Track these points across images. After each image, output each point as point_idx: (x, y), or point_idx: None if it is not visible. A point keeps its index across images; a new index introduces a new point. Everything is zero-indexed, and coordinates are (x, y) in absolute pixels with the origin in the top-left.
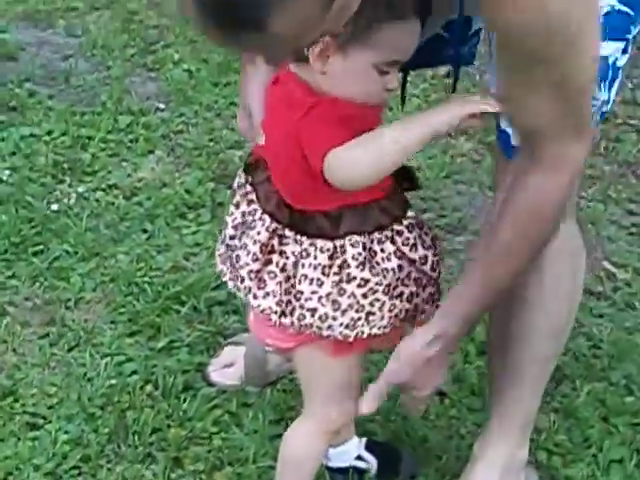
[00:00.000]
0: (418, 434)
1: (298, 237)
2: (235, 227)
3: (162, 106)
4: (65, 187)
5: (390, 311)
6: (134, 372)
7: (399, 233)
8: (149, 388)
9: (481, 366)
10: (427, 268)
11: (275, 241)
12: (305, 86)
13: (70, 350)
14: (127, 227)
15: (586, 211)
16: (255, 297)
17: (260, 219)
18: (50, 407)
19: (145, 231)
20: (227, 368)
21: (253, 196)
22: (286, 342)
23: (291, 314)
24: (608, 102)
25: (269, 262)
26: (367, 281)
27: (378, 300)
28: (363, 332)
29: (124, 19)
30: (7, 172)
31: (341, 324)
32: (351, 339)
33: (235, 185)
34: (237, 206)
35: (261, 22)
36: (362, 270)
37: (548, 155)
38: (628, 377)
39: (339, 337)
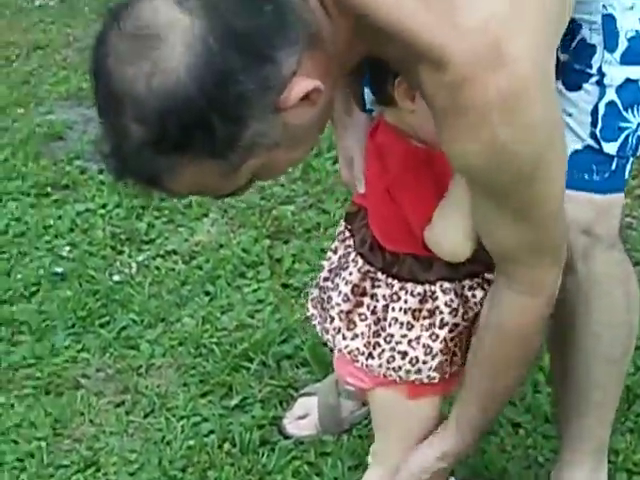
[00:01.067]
0: (497, 467)
1: (389, 280)
2: (330, 270)
3: None
4: (125, 257)
5: (467, 348)
6: (211, 432)
7: (489, 282)
8: (227, 446)
9: (551, 394)
10: None
11: (367, 284)
12: (396, 135)
13: (146, 416)
14: (189, 291)
15: (639, 231)
16: (344, 337)
17: (353, 260)
18: (132, 474)
19: (207, 293)
20: (301, 419)
21: (351, 241)
22: (365, 383)
23: (379, 356)
24: None
25: (360, 304)
26: (457, 325)
27: (461, 341)
28: (446, 372)
29: None
30: (67, 248)
31: (430, 367)
32: (436, 381)
33: (336, 232)
34: (335, 251)
35: (157, 183)
36: (455, 316)
37: (521, 279)
38: None
39: (425, 380)
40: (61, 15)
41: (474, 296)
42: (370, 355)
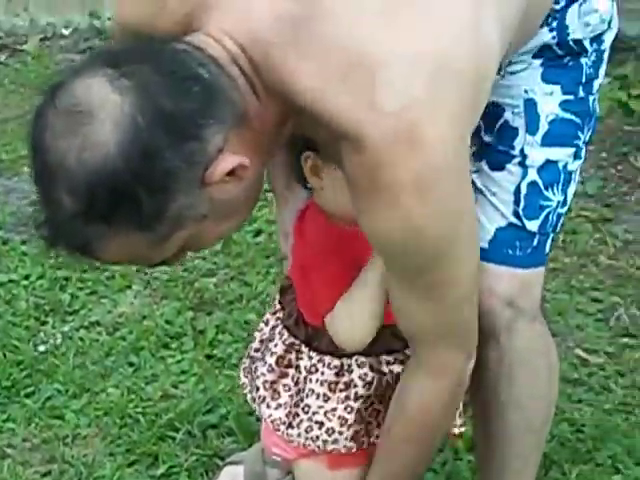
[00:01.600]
0: None
1: (310, 353)
2: (261, 341)
3: None
4: (49, 328)
5: (383, 418)
6: None
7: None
8: None
9: (471, 461)
10: None
11: (293, 356)
12: (321, 216)
13: None
14: (113, 362)
15: (552, 303)
16: (268, 407)
17: (279, 333)
18: None
19: (131, 364)
20: None
21: (280, 314)
22: (289, 453)
23: (298, 426)
24: (565, 203)
25: (285, 375)
26: (370, 397)
27: (375, 410)
28: (364, 442)
29: None
30: None
31: (346, 437)
32: (354, 450)
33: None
34: (266, 323)
35: (87, 252)
36: (368, 389)
37: (427, 360)
38: (613, 457)
39: (342, 450)
40: None
41: (391, 371)
42: (290, 425)
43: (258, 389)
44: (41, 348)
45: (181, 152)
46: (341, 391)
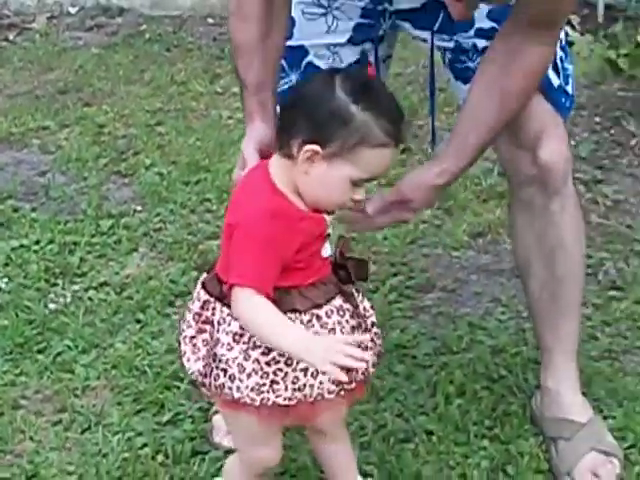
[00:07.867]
0: (412, 470)
1: (223, 308)
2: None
3: (139, 208)
4: (59, 289)
5: (293, 383)
6: (145, 445)
7: (318, 317)
8: (160, 457)
9: (461, 404)
10: None
11: (209, 312)
12: (269, 179)
13: (83, 432)
14: (120, 319)
15: None
16: (188, 360)
17: (197, 292)
18: None
19: (138, 321)
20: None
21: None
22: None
23: (210, 375)
24: None
25: (203, 331)
26: (270, 350)
27: (281, 370)
28: (269, 399)
29: (94, 133)
30: (4, 280)
31: (247, 387)
32: (257, 403)
33: None
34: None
35: None
36: None
37: (553, 32)
38: (598, 400)
39: (247, 400)
40: None
41: None
42: (205, 375)
43: (180, 344)
44: (51, 306)
45: None
46: (244, 343)
